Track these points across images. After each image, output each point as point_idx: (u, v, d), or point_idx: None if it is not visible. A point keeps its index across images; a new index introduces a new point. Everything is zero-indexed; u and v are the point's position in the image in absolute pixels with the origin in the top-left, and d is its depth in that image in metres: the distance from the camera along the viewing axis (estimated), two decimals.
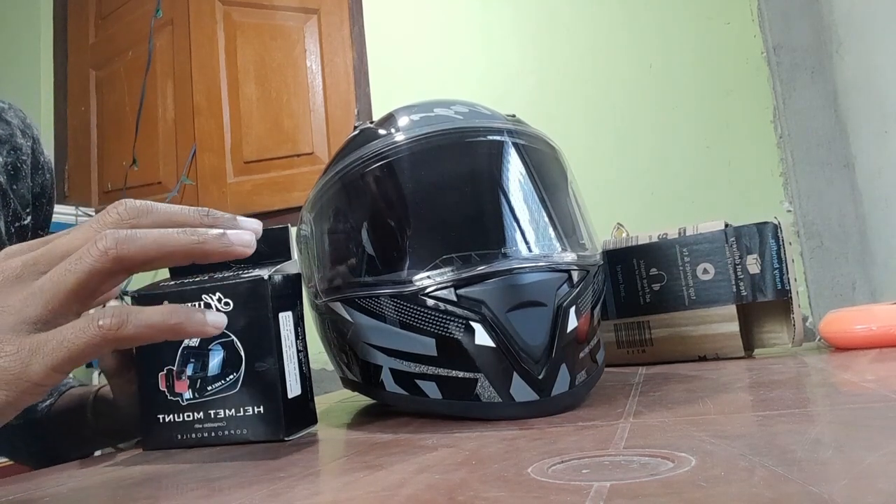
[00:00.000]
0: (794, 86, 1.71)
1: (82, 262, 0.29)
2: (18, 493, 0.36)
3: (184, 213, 0.33)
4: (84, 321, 0.29)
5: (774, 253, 0.69)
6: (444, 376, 0.46)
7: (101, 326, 0.29)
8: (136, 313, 0.30)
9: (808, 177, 1.69)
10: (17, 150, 0.63)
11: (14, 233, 0.63)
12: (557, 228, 0.49)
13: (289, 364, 0.45)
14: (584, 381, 0.48)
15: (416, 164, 0.50)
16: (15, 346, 0.28)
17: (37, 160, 0.66)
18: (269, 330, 0.44)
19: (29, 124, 0.67)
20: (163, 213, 0.32)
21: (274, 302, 0.45)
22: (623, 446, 0.32)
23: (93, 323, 0.29)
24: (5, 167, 0.62)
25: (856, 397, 0.41)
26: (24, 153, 0.64)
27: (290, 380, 0.45)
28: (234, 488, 0.33)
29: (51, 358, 0.29)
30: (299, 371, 0.47)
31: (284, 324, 0.46)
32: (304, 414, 0.47)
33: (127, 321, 0.29)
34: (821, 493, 0.22)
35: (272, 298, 0.44)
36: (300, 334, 0.47)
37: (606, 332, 0.75)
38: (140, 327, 0.30)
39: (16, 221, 0.63)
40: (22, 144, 0.64)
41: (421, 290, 0.45)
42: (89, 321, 0.29)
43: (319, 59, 2.30)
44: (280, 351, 0.45)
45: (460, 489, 0.27)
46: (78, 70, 2.62)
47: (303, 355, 0.47)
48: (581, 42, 1.97)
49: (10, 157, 0.63)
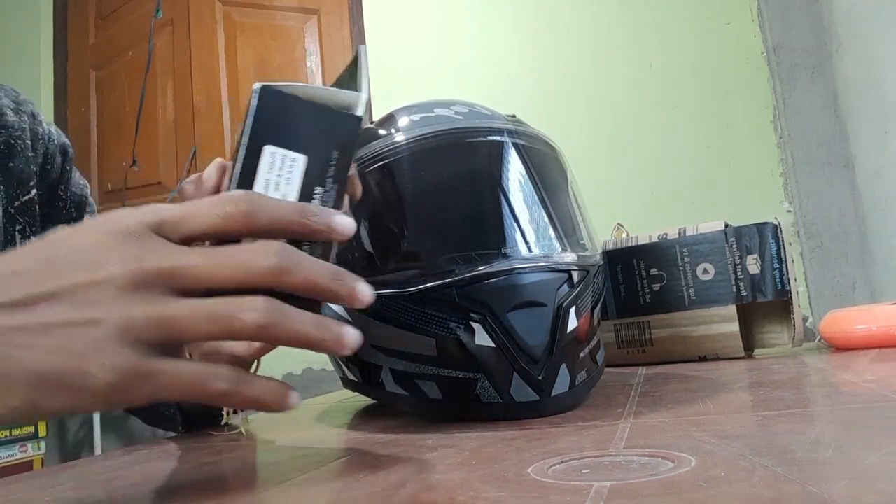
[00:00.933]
0: (794, 86, 1.71)
1: (230, 323, 0.29)
2: (19, 493, 0.36)
3: (323, 277, 0.31)
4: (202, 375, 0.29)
5: (774, 253, 0.69)
6: (444, 376, 0.46)
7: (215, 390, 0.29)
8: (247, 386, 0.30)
9: (808, 177, 1.69)
10: (8, 129, 0.64)
11: (16, 210, 0.63)
12: (557, 228, 0.49)
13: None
14: (584, 381, 0.48)
15: (416, 165, 0.50)
16: (130, 365, 0.28)
17: (35, 132, 0.67)
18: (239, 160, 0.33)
19: (23, 100, 0.67)
20: (305, 272, 0.31)
21: (261, 125, 0.33)
22: (623, 446, 0.32)
23: (208, 381, 0.29)
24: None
25: (856, 397, 0.41)
26: (17, 129, 0.65)
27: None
28: (235, 489, 0.33)
29: (157, 389, 0.28)
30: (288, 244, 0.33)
31: (275, 165, 0.33)
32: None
33: (238, 393, 0.30)
34: (821, 493, 0.22)
35: (258, 119, 0.33)
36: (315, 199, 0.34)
37: (606, 332, 0.75)
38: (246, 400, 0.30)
39: (17, 199, 0.63)
40: (14, 122, 0.65)
41: (421, 290, 0.45)
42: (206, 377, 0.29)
43: (319, 60, 2.30)
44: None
45: (460, 489, 0.27)
46: (78, 70, 2.62)
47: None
48: (581, 42, 1.97)
49: (2, 137, 0.63)
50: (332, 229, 0.33)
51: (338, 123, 0.35)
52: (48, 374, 0.27)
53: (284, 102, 0.34)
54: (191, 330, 0.29)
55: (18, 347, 0.27)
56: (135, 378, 0.28)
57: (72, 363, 0.27)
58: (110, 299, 0.28)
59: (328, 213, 0.33)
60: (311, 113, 0.34)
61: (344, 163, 0.35)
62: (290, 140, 0.33)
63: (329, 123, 0.34)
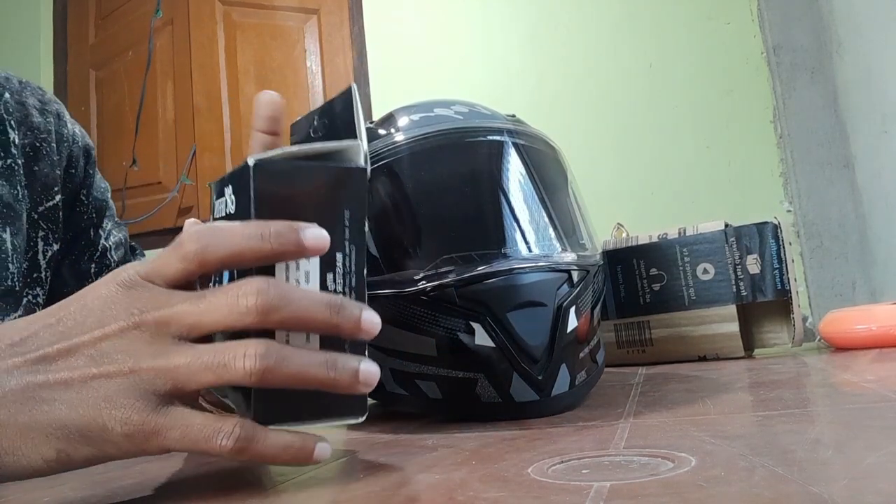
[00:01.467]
0: (794, 86, 1.71)
1: (225, 372, 0.29)
2: (18, 494, 0.36)
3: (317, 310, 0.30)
4: (210, 431, 0.29)
5: (774, 253, 0.69)
6: (444, 376, 0.46)
7: (223, 447, 0.29)
8: (256, 444, 0.29)
9: (808, 177, 1.69)
10: (34, 130, 0.63)
11: (39, 216, 0.62)
12: (557, 228, 0.49)
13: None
14: (584, 381, 0.48)
15: (416, 165, 0.50)
16: (141, 419, 0.28)
17: (60, 134, 0.66)
18: None
19: (48, 99, 0.66)
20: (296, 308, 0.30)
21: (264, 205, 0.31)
22: (623, 446, 0.32)
23: (216, 438, 0.29)
24: (23, 148, 0.62)
25: (856, 397, 0.41)
26: (43, 132, 0.63)
27: (290, 334, 0.31)
28: (235, 489, 0.33)
29: (168, 443, 0.29)
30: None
31: None
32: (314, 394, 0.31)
33: (246, 451, 0.29)
34: (821, 493, 0.22)
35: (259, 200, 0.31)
36: (338, 267, 0.32)
37: (606, 332, 0.75)
38: (254, 457, 0.30)
39: (41, 204, 0.62)
40: (40, 123, 0.63)
41: (421, 290, 0.45)
42: (213, 434, 0.29)
43: (319, 60, 2.30)
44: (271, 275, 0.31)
45: (460, 489, 0.27)
46: (78, 70, 2.62)
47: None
48: (581, 42, 1.97)
49: (28, 139, 0.62)
50: (360, 328, 0.31)
51: (341, 181, 0.32)
52: (72, 427, 0.29)
53: (282, 173, 0.31)
54: (192, 380, 0.29)
55: (45, 402, 0.29)
56: (148, 432, 0.29)
57: (91, 415, 0.29)
58: (121, 352, 0.29)
59: (356, 309, 0.31)
60: (312, 178, 0.32)
61: (358, 220, 0.33)
62: (298, 213, 0.31)
63: (332, 184, 0.32)
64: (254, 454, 0.29)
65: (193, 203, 2.29)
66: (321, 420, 0.32)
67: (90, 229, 0.68)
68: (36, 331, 0.30)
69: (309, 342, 0.31)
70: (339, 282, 0.32)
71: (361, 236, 0.33)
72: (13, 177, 0.60)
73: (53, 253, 0.64)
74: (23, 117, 0.62)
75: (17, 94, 0.63)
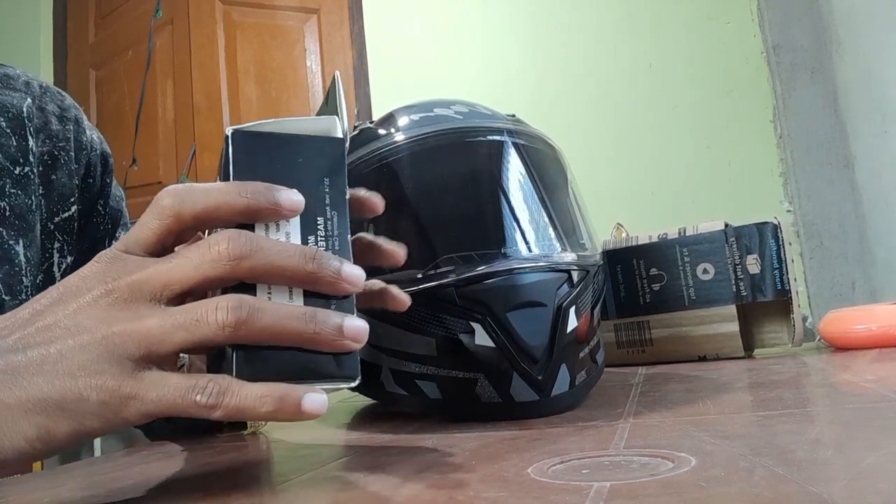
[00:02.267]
0: (794, 86, 1.71)
1: (198, 329, 0.29)
2: (18, 494, 0.36)
3: (290, 257, 0.30)
4: (184, 388, 0.29)
5: (774, 253, 0.69)
6: (444, 376, 0.46)
7: (197, 403, 0.28)
8: (230, 397, 0.29)
9: (808, 177, 1.69)
10: (52, 138, 0.61)
11: (55, 227, 0.61)
12: (557, 228, 0.49)
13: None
14: (584, 381, 0.48)
15: (416, 165, 0.50)
16: (116, 384, 0.28)
17: (79, 142, 0.64)
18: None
19: (67, 106, 0.64)
20: (268, 255, 0.30)
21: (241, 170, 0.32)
22: (623, 446, 0.32)
23: (190, 394, 0.28)
24: (41, 157, 0.60)
25: (856, 397, 0.41)
26: (61, 140, 0.62)
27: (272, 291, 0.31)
28: (235, 489, 0.33)
29: (146, 407, 0.29)
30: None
31: None
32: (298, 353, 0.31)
33: (221, 405, 0.28)
34: (821, 493, 0.22)
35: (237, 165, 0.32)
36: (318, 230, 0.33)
37: (606, 332, 0.75)
38: (230, 412, 0.29)
39: (57, 215, 0.61)
40: (58, 131, 0.62)
41: (421, 290, 0.45)
42: (188, 391, 0.28)
43: (319, 59, 2.30)
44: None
45: (460, 489, 0.27)
46: (78, 70, 2.62)
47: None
48: (581, 42, 1.98)
49: (46, 147, 0.61)
50: (340, 278, 0.31)
51: (319, 150, 0.34)
52: (49, 401, 0.28)
53: (259, 142, 0.33)
54: (166, 341, 0.29)
55: (23, 378, 0.29)
56: (124, 397, 0.28)
57: (67, 386, 0.28)
58: (94, 320, 0.29)
59: (335, 260, 0.31)
60: (290, 146, 0.33)
61: (338, 188, 0.34)
62: (276, 178, 0.32)
63: (311, 152, 0.33)
64: (231, 408, 0.28)
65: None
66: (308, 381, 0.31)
67: (105, 239, 0.66)
68: (21, 316, 0.30)
69: (292, 300, 0.31)
70: (322, 244, 0.33)
71: (343, 203, 0.34)
72: (29, 186, 0.58)
73: (68, 265, 0.62)
74: (42, 124, 0.61)
75: (38, 99, 0.62)
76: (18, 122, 0.59)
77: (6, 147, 0.57)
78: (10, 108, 0.59)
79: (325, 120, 0.35)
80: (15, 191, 0.57)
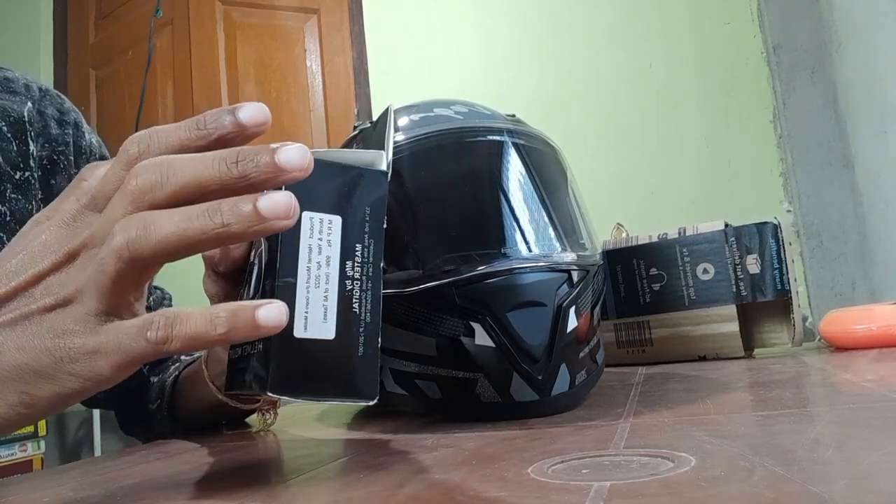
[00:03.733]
0: (794, 86, 1.71)
1: (105, 267, 0.28)
2: (18, 494, 0.36)
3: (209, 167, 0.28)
4: (136, 329, 0.29)
5: (774, 253, 0.69)
6: (444, 376, 0.46)
7: (149, 340, 0.28)
8: (180, 325, 0.28)
9: (808, 177, 1.69)
10: (52, 142, 0.61)
11: None
12: (557, 228, 0.49)
13: (312, 289, 0.33)
14: (583, 381, 0.48)
15: (416, 165, 0.50)
16: (82, 341, 0.29)
17: (79, 146, 0.64)
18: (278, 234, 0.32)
19: (66, 110, 0.64)
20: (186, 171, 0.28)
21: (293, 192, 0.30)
22: (623, 446, 0.32)
23: (142, 334, 0.28)
24: (41, 161, 0.60)
25: (856, 397, 0.41)
26: (60, 144, 0.62)
27: (309, 311, 0.32)
28: (234, 489, 0.33)
29: (113, 359, 0.29)
30: (338, 306, 0.33)
31: (314, 229, 0.33)
32: (330, 371, 0.33)
33: (171, 336, 0.28)
34: (821, 493, 0.22)
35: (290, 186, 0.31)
36: (357, 256, 0.34)
37: (606, 332, 0.75)
38: (185, 341, 0.28)
39: None
40: (58, 135, 0.62)
41: (421, 290, 0.45)
42: (140, 330, 0.28)
43: (319, 59, 2.30)
44: (294, 264, 0.32)
45: (460, 489, 0.27)
46: (78, 70, 2.62)
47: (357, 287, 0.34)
48: (581, 42, 1.98)
49: (46, 151, 0.61)
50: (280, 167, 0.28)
51: (363, 181, 0.35)
52: (25, 367, 0.29)
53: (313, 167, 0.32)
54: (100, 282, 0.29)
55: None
56: (90, 352, 0.29)
57: (40, 349, 0.29)
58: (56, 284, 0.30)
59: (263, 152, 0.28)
60: (338, 174, 0.35)
61: (377, 218, 0.35)
62: (324, 203, 0.34)
63: (355, 181, 0.35)
64: (184, 337, 0.28)
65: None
66: (335, 398, 0.33)
67: None
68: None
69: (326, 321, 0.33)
70: (358, 269, 0.34)
71: (380, 233, 0.35)
72: (29, 191, 0.58)
73: None
74: (42, 128, 0.61)
75: (38, 103, 0.62)
76: (19, 126, 0.59)
77: (7, 152, 0.57)
78: (11, 112, 0.59)
79: (371, 153, 0.37)
80: (16, 196, 0.57)
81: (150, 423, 0.62)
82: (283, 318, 0.28)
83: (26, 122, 0.59)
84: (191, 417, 0.59)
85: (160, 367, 0.64)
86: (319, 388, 0.32)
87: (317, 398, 0.32)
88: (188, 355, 0.66)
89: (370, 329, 0.34)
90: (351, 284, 0.34)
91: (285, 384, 0.31)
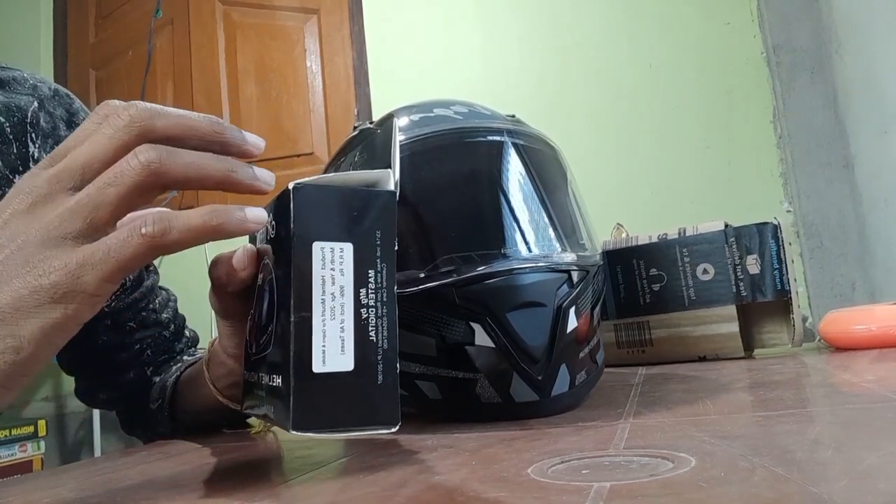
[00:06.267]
0: (794, 86, 1.71)
1: (124, 176, 0.29)
2: (18, 494, 0.36)
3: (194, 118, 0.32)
4: (127, 231, 0.29)
5: (774, 253, 0.69)
6: (444, 376, 0.46)
7: (145, 235, 0.29)
8: (175, 218, 0.30)
9: (808, 177, 1.69)
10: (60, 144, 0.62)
11: None
12: (557, 228, 0.49)
13: (328, 321, 0.32)
14: (583, 381, 0.48)
15: (416, 165, 0.50)
16: (62, 261, 0.29)
17: None
18: (288, 263, 0.32)
19: (76, 110, 0.64)
20: (175, 116, 0.32)
21: (302, 223, 0.32)
22: (623, 446, 0.32)
23: (136, 231, 0.29)
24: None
25: (856, 397, 0.41)
26: None
27: (326, 344, 0.32)
28: (234, 489, 0.33)
29: (100, 269, 0.29)
30: (355, 336, 0.33)
31: (326, 260, 0.33)
32: (351, 404, 0.32)
33: (170, 227, 0.29)
34: (821, 493, 0.22)
35: (298, 218, 0.32)
36: (370, 283, 0.33)
37: (606, 332, 0.75)
38: (182, 231, 0.29)
39: None
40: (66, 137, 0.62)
41: (421, 290, 0.45)
42: (132, 230, 0.29)
43: (319, 59, 2.30)
44: (308, 297, 0.32)
45: (460, 489, 0.27)
46: (78, 70, 2.62)
47: (373, 315, 0.33)
48: (581, 42, 1.97)
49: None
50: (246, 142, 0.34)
51: (372, 203, 0.34)
52: (7, 307, 0.29)
53: (319, 195, 0.33)
54: (100, 203, 0.29)
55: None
56: (74, 270, 0.29)
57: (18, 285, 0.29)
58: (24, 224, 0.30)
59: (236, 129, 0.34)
60: (347, 199, 0.34)
61: (388, 241, 0.34)
62: (334, 231, 0.33)
63: (365, 205, 0.34)
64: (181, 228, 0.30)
65: (193, 203, 2.29)
66: (357, 429, 0.32)
67: None
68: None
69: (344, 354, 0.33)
70: (372, 296, 0.33)
71: (392, 255, 0.34)
72: None
73: None
74: (50, 129, 0.60)
75: (47, 102, 0.61)
76: (21, 127, 0.59)
77: (6, 154, 0.57)
78: (16, 111, 0.59)
79: (378, 173, 0.36)
80: None
81: (151, 424, 0.62)
82: (264, 216, 0.32)
83: (28, 122, 0.59)
84: (191, 418, 0.59)
85: (163, 367, 0.64)
86: (341, 421, 0.32)
87: (339, 431, 0.32)
88: (190, 355, 0.66)
89: (388, 356, 0.33)
90: (366, 312, 0.33)
91: (307, 422, 0.31)
